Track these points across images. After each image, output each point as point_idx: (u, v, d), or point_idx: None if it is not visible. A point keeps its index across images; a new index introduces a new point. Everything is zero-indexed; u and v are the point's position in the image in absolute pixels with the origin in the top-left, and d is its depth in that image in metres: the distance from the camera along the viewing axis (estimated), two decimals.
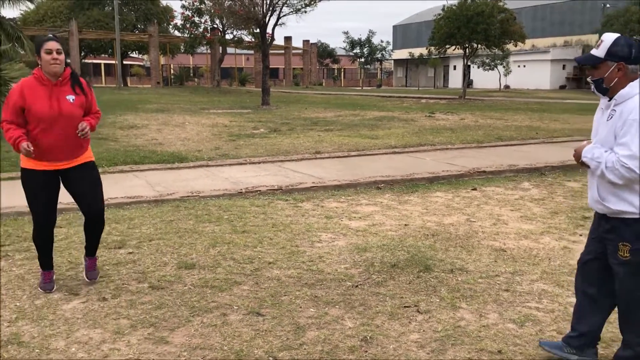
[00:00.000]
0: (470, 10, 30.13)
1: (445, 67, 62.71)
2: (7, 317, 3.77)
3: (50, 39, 4.02)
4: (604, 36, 2.92)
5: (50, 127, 3.96)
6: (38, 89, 3.97)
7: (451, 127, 16.12)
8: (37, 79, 4.00)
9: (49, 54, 3.93)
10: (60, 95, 4.01)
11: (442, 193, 7.74)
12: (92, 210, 4.28)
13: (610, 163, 2.79)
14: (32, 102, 3.93)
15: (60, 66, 3.99)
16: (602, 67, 2.88)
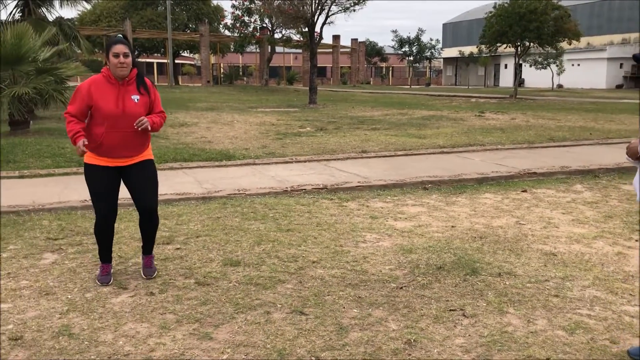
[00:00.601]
0: (523, 8, 29.44)
1: (496, 65, 61.54)
2: (59, 309, 3.88)
3: (119, 41, 4.10)
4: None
5: (114, 125, 4.09)
6: (105, 87, 4.10)
7: (501, 127, 15.79)
8: (105, 77, 4.13)
9: (115, 58, 4.04)
10: (126, 95, 4.12)
11: (491, 194, 7.58)
12: (146, 206, 4.39)
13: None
14: (98, 99, 4.07)
15: (127, 69, 4.09)
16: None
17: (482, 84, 62.91)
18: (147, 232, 4.52)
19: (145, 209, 4.39)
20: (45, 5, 19.42)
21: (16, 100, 12.14)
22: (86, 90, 4.08)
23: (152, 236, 4.56)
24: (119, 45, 4.06)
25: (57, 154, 10.26)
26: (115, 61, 4.03)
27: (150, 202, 4.38)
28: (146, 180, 4.35)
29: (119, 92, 4.10)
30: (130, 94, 4.14)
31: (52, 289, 4.23)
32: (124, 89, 4.13)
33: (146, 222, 4.47)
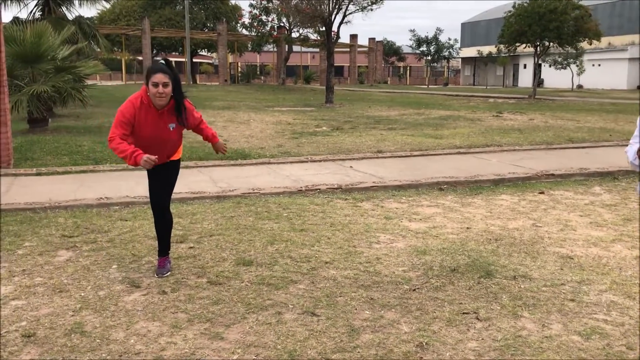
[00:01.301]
0: (543, 7, 29.11)
1: (515, 65, 61.00)
2: (72, 306, 3.90)
3: (159, 69, 4.06)
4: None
5: (148, 146, 4.18)
6: (146, 112, 4.15)
7: (519, 127, 15.63)
8: (145, 104, 4.14)
9: (155, 87, 4.03)
10: (163, 123, 4.22)
11: (507, 196, 7.50)
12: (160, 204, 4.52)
13: None
14: (139, 123, 4.14)
15: (165, 99, 4.11)
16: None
17: (501, 84, 62.39)
18: (160, 231, 4.59)
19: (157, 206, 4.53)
20: (65, 4, 19.64)
21: (35, 99, 12.27)
22: (130, 113, 4.11)
23: (165, 236, 4.61)
24: (159, 75, 4.02)
25: (74, 152, 10.35)
26: (155, 91, 4.03)
27: (162, 200, 4.53)
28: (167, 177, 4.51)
29: (157, 120, 4.18)
30: (168, 122, 4.23)
31: (66, 287, 4.26)
32: (162, 117, 4.20)
33: (159, 221, 4.58)
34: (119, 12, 49.61)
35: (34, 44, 12.37)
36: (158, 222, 4.59)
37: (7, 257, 4.92)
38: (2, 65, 8.98)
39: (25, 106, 12.14)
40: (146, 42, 41.35)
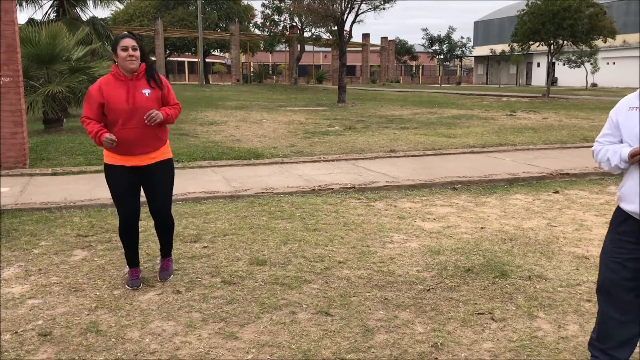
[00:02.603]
0: (557, 5, 28.87)
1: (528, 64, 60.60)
2: (88, 305, 3.93)
3: (126, 36, 4.10)
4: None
5: (127, 121, 4.03)
6: (115, 84, 4.06)
7: (533, 126, 15.52)
8: (114, 76, 4.09)
9: (124, 51, 4.00)
10: (136, 90, 4.07)
11: (521, 195, 7.45)
12: (158, 209, 4.36)
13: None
14: (109, 97, 4.02)
15: (136, 62, 4.05)
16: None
17: (514, 82, 62.02)
18: (162, 235, 4.49)
19: (157, 212, 4.37)
20: (79, 5, 19.79)
21: (50, 99, 12.38)
22: (96, 90, 4.05)
23: (168, 239, 4.51)
24: (127, 39, 4.04)
25: (89, 152, 10.43)
26: (125, 54, 3.99)
27: (160, 205, 4.35)
28: (161, 182, 4.29)
29: (128, 87, 4.06)
30: (141, 88, 4.08)
31: (82, 286, 4.29)
32: (134, 84, 4.07)
33: (160, 225, 4.45)
34: (132, 13, 49.94)
35: (49, 45, 12.48)
36: (157, 224, 4.47)
37: (23, 256, 4.97)
38: (18, 67, 9.07)
39: (40, 107, 12.25)
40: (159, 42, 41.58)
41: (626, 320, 2.77)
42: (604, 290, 2.84)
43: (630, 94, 2.85)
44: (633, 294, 2.74)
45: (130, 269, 4.38)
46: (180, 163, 9.46)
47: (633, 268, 2.71)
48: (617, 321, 2.79)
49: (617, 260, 2.75)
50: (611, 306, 2.80)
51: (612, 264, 2.78)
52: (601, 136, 2.93)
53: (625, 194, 2.74)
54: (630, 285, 2.73)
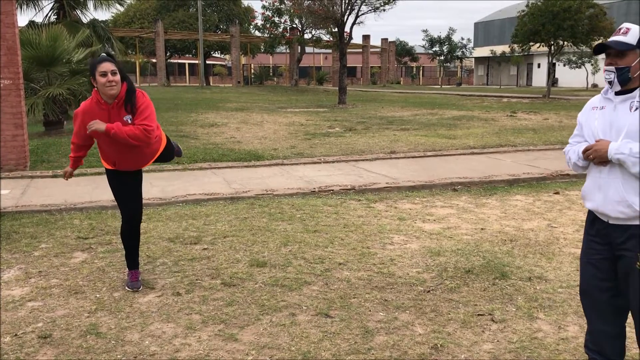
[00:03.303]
0: (557, 6, 28.88)
1: (529, 65, 60.58)
2: (88, 307, 3.93)
3: (103, 59, 3.90)
4: (627, 25, 2.69)
5: (112, 146, 4.01)
6: (97, 112, 3.92)
7: (534, 127, 15.51)
8: (96, 103, 3.94)
9: (103, 77, 3.81)
10: (118, 118, 3.92)
11: (522, 196, 7.45)
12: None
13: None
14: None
15: (117, 87, 3.87)
16: (630, 55, 2.65)
17: (514, 83, 62.00)
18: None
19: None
20: (79, 8, 19.80)
21: (51, 101, 12.39)
22: (79, 121, 4.00)
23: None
24: (104, 64, 3.83)
25: (89, 154, 10.34)
26: (104, 80, 3.80)
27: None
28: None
29: (110, 115, 3.90)
30: (122, 115, 3.92)
31: (82, 288, 4.29)
32: (115, 112, 3.91)
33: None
34: (132, 15, 49.98)
35: (49, 47, 12.50)
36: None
37: (23, 258, 4.97)
38: (18, 69, 9.08)
39: (41, 109, 12.26)
40: (160, 44, 41.61)
41: (606, 322, 2.82)
42: (583, 292, 2.91)
43: (596, 95, 2.94)
44: (609, 294, 2.78)
45: (130, 271, 4.37)
46: (180, 165, 9.47)
47: (605, 268, 2.77)
48: (599, 328, 2.85)
49: (591, 261, 2.82)
50: (592, 310, 2.86)
51: (587, 265, 2.86)
52: (571, 137, 2.99)
53: (585, 192, 2.83)
54: (604, 286, 2.78)
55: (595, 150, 2.68)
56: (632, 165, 2.58)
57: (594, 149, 2.69)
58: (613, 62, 2.70)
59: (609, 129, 2.71)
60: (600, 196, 2.72)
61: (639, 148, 2.56)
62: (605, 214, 2.73)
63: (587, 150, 2.71)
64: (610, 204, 2.68)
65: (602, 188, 2.72)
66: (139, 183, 4.35)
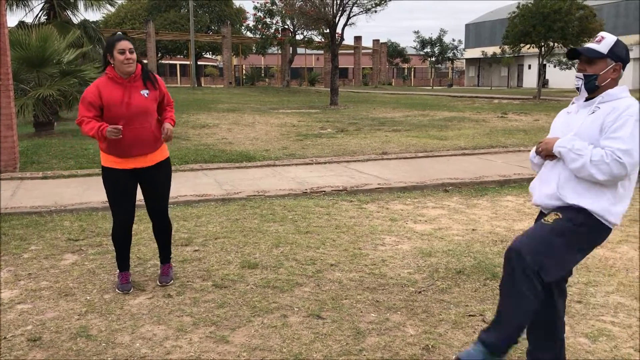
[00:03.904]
0: (547, 8, 29.03)
1: (520, 66, 60.86)
2: (78, 310, 3.91)
3: (122, 38, 4.04)
4: (603, 33, 2.80)
5: (127, 123, 3.99)
6: (113, 87, 4.01)
7: (524, 128, 15.59)
8: (110, 79, 4.04)
9: (122, 54, 3.95)
10: (135, 92, 4.04)
11: (513, 197, 7.48)
12: (160, 210, 4.37)
13: (597, 157, 2.61)
14: (108, 99, 3.98)
15: (134, 65, 4.02)
16: (600, 63, 2.75)
17: (505, 84, 62.25)
18: (161, 237, 4.46)
19: (154, 212, 4.37)
20: (70, 8, 19.70)
21: (41, 102, 12.33)
22: (94, 93, 3.99)
23: (167, 241, 4.48)
24: (123, 42, 3.98)
25: (80, 155, 10.38)
26: (122, 57, 3.94)
27: (161, 205, 4.36)
28: (161, 184, 4.33)
29: (125, 89, 4.02)
30: (139, 89, 4.06)
31: (72, 290, 4.26)
32: (131, 86, 4.04)
33: (158, 226, 4.42)
34: (124, 16, 49.82)
35: (40, 48, 12.43)
36: (156, 227, 4.44)
37: (13, 260, 4.94)
38: (8, 70, 9.02)
39: (31, 110, 12.19)
40: (151, 45, 41.44)
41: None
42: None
43: None
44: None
45: (121, 273, 4.35)
46: (172, 166, 9.43)
47: None
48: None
49: None
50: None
51: None
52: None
53: (531, 187, 2.98)
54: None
55: (545, 143, 2.82)
56: (570, 160, 2.69)
57: (544, 142, 2.84)
58: (582, 69, 2.79)
59: (567, 129, 2.83)
60: (538, 189, 2.87)
61: (582, 146, 2.66)
62: (541, 207, 2.89)
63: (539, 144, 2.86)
64: (544, 197, 2.82)
65: (542, 182, 2.86)
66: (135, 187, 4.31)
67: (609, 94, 2.76)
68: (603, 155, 2.60)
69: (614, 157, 2.59)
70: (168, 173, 4.38)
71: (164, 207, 4.40)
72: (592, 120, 2.72)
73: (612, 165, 2.59)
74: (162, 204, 4.38)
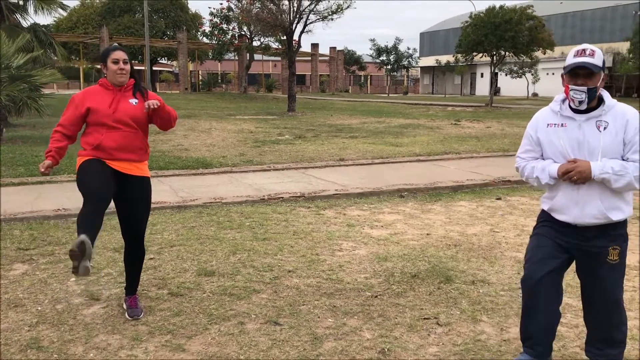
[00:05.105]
0: (498, 18, 29.89)
1: (472, 74, 62.25)
2: (28, 321, 3.81)
3: (117, 48, 3.98)
4: (590, 46, 2.93)
5: (113, 129, 3.82)
6: (102, 93, 3.92)
7: (477, 135, 15.95)
8: (102, 86, 3.96)
9: (115, 64, 3.87)
10: (123, 99, 3.92)
11: (465, 202, 7.65)
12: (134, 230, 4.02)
13: (638, 172, 2.80)
14: (94, 104, 3.84)
15: (126, 76, 3.93)
16: (597, 76, 2.88)
17: (459, 92, 63.54)
18: (134, 264, 4.08)
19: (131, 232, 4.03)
20: (19, 12, 19.19)
21: None
22: (80, 97, 3.90)
23: (138, 269, 4.13)
24: (118, 52, 3.92)
25: (30, 162, 10.11)
26: (115, 67, 3.86)
27: (139, 225, 4.02)
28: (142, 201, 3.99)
29: (115, 96, 3.91)
30: (128, 98, 3.94)
31: (22, 301, 4.15)
32: (121, 94, 3.93)
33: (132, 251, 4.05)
34: (76, 20, 48.74)
35: None
36: (129, 252, 4.06)
37: None
38: None
39: None
40: None
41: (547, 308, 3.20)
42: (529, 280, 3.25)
43: (544, 108, 3.17)
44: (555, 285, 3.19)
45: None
46: None
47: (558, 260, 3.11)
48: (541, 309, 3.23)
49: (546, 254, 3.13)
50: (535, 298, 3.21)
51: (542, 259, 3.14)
52: (523, 152, 3.21)
53: (557, 206, 3.03)
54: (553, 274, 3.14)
55: (579, 172, 2.85)
56: (614, 181, 2.84)
57: (576, 170, 2.86)
58: (584, 83, 2.87)
59: (578, 148, 2.91)
60: (576, 211, 2.94)
61: (620, 165, 2.82)
62: (578, 224, 2.97)
63: (568, 171, 2.88)
64: (587, 218, 2.93)
65: (579, 204, 2.93)
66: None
67: (608, 105, 2.91)
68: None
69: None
70: (149, 193, 4.04)
71: (142, 230, 4.04)
72: (610, 137, 2.86)
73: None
74: (141, 225, 4.02)
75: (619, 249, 2.95)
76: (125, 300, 4.06)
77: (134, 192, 3.92)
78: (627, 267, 4.90)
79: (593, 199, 2.89)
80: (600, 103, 2.93)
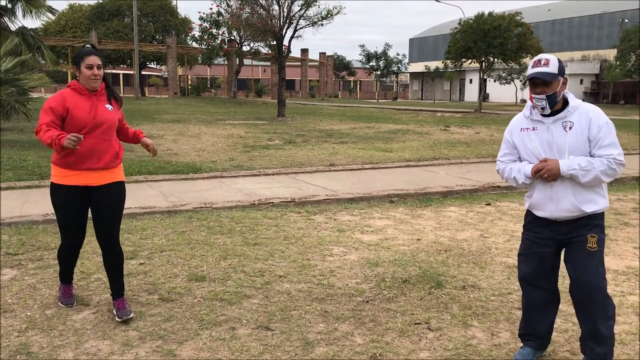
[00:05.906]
0: (487, 24, 30.12)
1: (461, 80, 62.65)
2: (17, 326, 3.78)
3: (91, 52, 3.94)
4: (545, 56, 3.15)
5: (89, 133, 3.85)
6: (79, 97, 3.91)
7: (466, 141, 16.03)
8: (75, 90, 3.93)
9: (89, 70, 3.86)
10: (99, 104, 3.95)
11: (455, 208, 7.68)
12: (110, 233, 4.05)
13: (604, 166, 3.04)
14: (74, 107, 3.84)
15: (99, 81, 3.94)
16: (555, 82, 3.10)
17: (448, 98, 63.91)
18: (113, 266, 4.07)
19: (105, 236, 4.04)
20: (7, 15, 19.08)
21: None
22: (57, 100, 3.86)
23: (119, 271, 4.09)
24: (92, 57, 3.90)
25: (18, 167, 10.03)
26: (89, 73, 3.86)
27: (112, 229, 4.04)
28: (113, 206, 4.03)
29: (91, 101, 3.92)
30: (103, 103, 3.98)
31: (11, 306, 4.12)
32: (96, 99, 3.95)
33: (109, 254, 4.06)
34: (64, 24, 48.47)
35: None
36: (105, 256, 4.07)
37: None
38: None
39: None
40: None
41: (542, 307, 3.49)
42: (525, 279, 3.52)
43: (519, 114, 3.41)
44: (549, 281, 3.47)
45: (64, 285, 4.22)
46: None
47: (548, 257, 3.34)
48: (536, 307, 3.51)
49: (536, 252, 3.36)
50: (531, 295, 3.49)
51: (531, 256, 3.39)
52: (502, 155, 3.45)
53: (535, 203, 3.29)
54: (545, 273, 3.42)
55: (548, 170, 3.10)
56: (582, 177, 3.07)
57: (546, 168, 3.11)
58: (542, 91, 3.11)
59: (549, 148, 3.16)
60: (552, 206, 3.18)
61: (586, 162, 3.05)
62: (556, 218, 3.20)
63: (539, 170, 3.13)
64: (562, 212, 3.15)
65: (553, 199, 3.17)
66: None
67: (572, 106, 3.14)
68: (607, 163, 3.04)
69: (617, 162, 3.05)
70: (121, 196, 4.08)
71: (113, 233, 4.04)
72: (575, 135, 3.09)
73: (617, 168, 3.07)
74: (112, 230, 4.03)
75: (596, 236, 3.15)
76: (114, 304, 4.04)
77: (105, 200, 4.01)
78: (616, 272, 4.97)
79: (566, 194, 3.13)
80: (566, 105, 3.16)
